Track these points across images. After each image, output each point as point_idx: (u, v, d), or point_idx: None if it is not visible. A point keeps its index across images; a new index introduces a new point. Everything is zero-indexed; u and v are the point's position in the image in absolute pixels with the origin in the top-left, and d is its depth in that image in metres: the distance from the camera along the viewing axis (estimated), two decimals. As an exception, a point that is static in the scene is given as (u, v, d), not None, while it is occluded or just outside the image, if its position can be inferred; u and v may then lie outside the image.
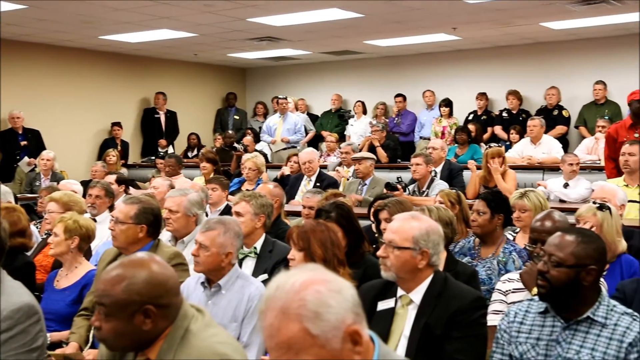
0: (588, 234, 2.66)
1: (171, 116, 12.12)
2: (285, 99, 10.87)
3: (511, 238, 4.43)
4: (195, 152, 11.40)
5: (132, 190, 6.72)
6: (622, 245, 3.64)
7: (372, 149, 8.98)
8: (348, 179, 7.47)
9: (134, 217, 3.65)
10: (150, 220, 3.69)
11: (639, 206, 5.35)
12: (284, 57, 12.35)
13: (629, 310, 2.51)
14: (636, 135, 6.15)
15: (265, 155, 9.74)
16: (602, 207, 3.65)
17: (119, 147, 10.98)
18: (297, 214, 5.82)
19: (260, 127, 11.59)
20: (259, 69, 13.79)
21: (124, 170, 9.69)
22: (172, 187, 6.45)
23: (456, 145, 9.14)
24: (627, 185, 5.48)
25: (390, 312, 2.84)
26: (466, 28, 9.44)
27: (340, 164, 8.14)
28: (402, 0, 7.69)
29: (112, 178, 6.54)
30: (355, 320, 1.56)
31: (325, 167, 8.72)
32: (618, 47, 10.21)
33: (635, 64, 9.85)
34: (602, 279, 3.33)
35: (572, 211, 3.98)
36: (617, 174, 6.11)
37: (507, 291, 3.35)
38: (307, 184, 7.05)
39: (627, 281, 3.15)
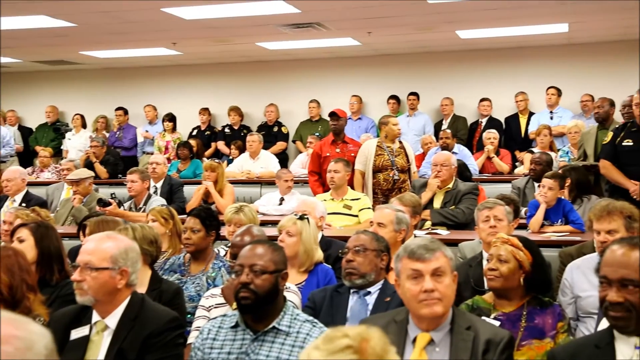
0: (275, 243, 2.81)
1: None
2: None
3: (222, 253, 4.48)
4: None
5: None
6: (319, 254, 3.87)
7: (89, 164, 8.57)
8: None
9: None
10: None
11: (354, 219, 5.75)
12: (-10, 65, 11.27)
13: (310, 318, 2.66)
14: (337, 150, 6.63)
15: (-34, 173, 8.77)
16: (302, 217, 3.87)
17: None
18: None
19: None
20: (-40, 76, 12.41)
21: None
22: None
23: (179, 160, 9.11)
24: (332, 199, 5.87)
25: (85, 340, 2.71)
26: (185, 43, 9.45)
27: None
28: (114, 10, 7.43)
29: None
30: None
31: (37, 184, 8.11)
32: (330, 68, 11.01)
33: (344, 84, 10.74)
34: (297, 289, 3.52)
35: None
36: (320, 186, 6.52)
37: (210, 307, 3.38)
38: (10, 205, 6.45)
39: (317, 290, 3.34)
